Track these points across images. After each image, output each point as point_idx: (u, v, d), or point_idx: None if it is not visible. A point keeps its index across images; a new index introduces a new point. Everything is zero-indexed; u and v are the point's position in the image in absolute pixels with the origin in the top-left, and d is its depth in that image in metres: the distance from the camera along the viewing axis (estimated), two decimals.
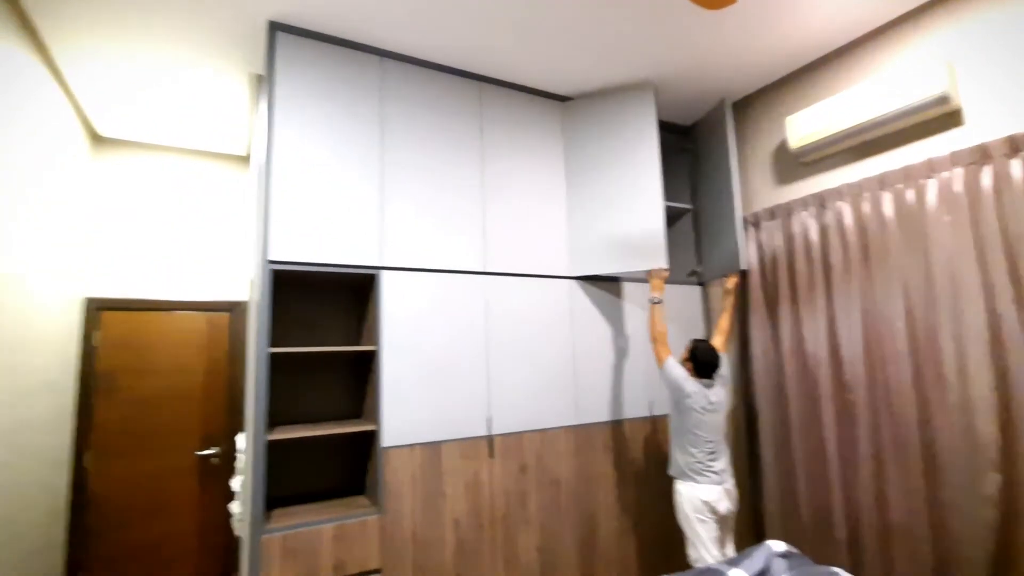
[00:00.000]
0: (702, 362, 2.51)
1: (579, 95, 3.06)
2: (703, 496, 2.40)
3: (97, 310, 3.34)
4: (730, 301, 2.87)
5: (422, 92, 2.61)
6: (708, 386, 2.50)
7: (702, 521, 2.39)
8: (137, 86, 2.84)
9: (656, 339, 2.59)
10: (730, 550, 2.49)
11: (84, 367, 3.25)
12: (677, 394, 2.48)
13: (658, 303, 2.65)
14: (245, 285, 3.65)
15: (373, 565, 2.18)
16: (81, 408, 3.22)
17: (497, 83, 2.84)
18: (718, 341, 2.71)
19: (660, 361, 2.55)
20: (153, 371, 3.42)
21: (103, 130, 3.37)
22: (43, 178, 2.63)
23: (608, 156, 3.04)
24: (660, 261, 2.82)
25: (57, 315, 2.92)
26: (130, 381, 3.36)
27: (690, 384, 2.46)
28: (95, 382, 3.27)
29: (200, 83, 2.82)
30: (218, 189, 3.77)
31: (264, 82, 2.42)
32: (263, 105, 2.39)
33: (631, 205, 2.97)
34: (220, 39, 2.44)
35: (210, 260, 3.69)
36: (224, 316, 3.67)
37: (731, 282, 2.90)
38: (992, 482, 2.00)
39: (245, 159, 3.86)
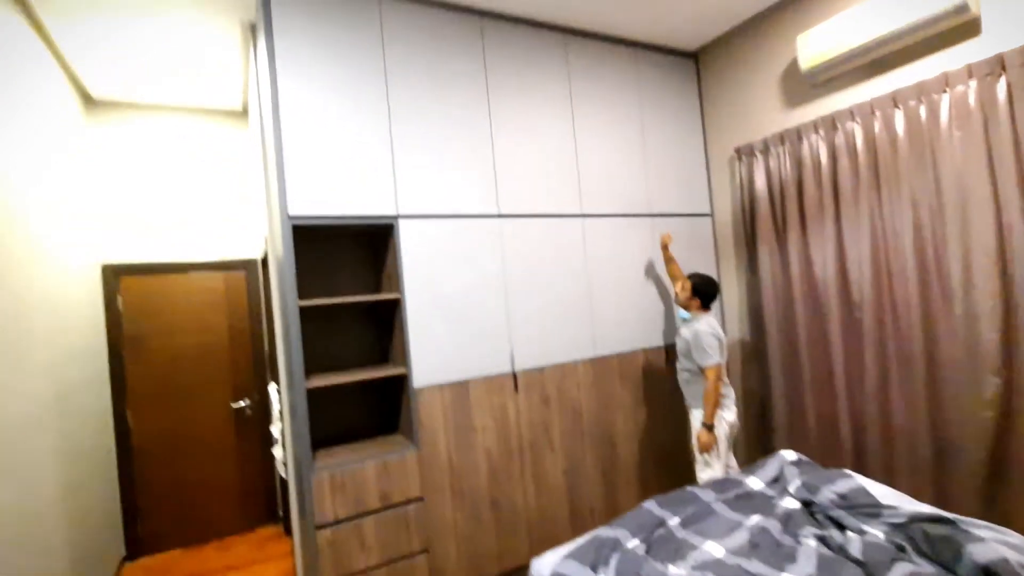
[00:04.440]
0: (705, 293, 2.64)
1: (578, 28, 2.96)
2: (729, 418, 2.57)
3: (115, 275, 3.40)
4: (668, 254, 3.03)
5: (423, 32, 2.53)
6: (713, 315, 2.62)
7: (721, 440, 2.56)
8: (125, 41, 2.74)
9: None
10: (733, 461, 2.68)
11: (112, 331, 3.35)
12: (719, 344, 2.55)
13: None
14: (256, 242, 3.67)
15: (415, 494, 2.35)
16: (114, 370, 3.34)
17: (498, 17, 2.74)
18: (679, 285, 2.78)
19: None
20: (178, 331, 3.52)
21: (96, 92, 3.28)
22: (42, 147, 2.60)
23: (603, 101, 3.07)
24: (640, 208, 3.14)
25: (80, 282, 2.97)
26: (158, 342, 3.47)
27: (716, 328, 2.57)
28: (124, 345, 3.38)
29: (189, 34, 2.72)
30: (215, 146, 3.71)
31: (258, 31, 2.34)
32: (261, 55, 2.33)
33: (621, 156, 3.12)
34: None
35: (217, 219, 3.69)
36: (240, 274, 3.73)
37: (664, 240, 3.06)
38: (991, 385, 2.13)
39: (240, 113, 3.78)
